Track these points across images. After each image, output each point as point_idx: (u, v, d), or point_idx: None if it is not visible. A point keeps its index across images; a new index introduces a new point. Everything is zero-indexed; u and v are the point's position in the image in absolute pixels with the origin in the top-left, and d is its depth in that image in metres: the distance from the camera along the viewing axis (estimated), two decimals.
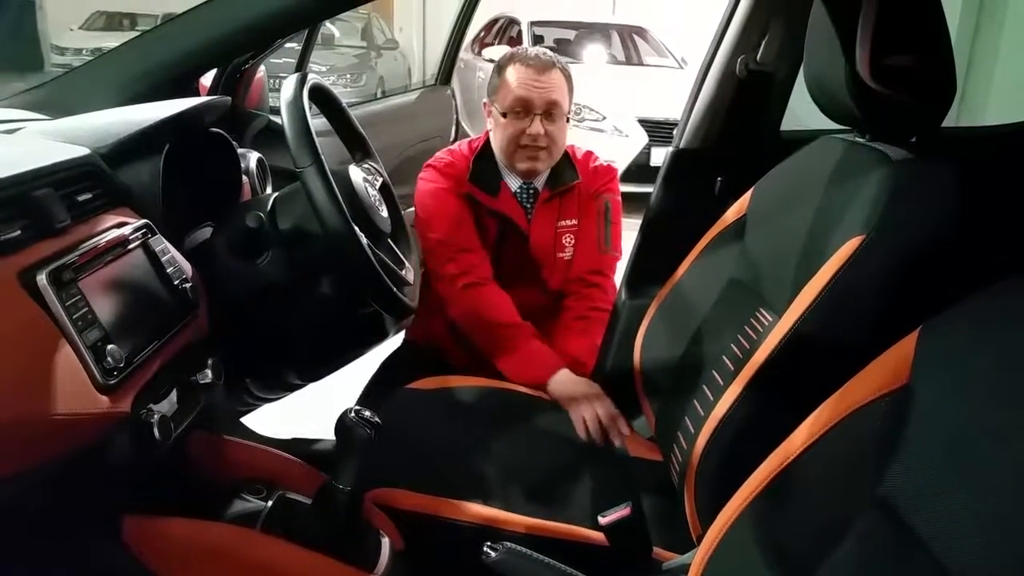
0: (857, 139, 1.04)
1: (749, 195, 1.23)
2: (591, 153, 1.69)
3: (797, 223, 1.04)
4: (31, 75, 8.96)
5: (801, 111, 1.16)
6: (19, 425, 0.67)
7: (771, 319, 1.00)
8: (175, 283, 0.93)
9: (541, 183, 1.62)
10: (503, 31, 7.34)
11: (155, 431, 0.81)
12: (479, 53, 6.93)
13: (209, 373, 0.95)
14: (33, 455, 0.69)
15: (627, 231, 1.69)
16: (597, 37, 7.20)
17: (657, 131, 5.26)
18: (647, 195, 1.70)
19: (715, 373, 1.07)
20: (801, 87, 1.12)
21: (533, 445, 1.27)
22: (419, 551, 1.04)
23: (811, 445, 0.70)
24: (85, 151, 0.91)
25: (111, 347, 0.76)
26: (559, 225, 1.63)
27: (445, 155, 1.64)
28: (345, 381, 1.59)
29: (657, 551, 1.04)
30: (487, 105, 1.60)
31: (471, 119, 5.73)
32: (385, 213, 1.28)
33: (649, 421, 1.29)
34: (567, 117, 1.57)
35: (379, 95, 7.64)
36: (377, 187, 1.31)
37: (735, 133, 1.61)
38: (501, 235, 1.60)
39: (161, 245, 0.93)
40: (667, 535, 1.06)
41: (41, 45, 10.51)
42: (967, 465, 0.55)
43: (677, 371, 1.20)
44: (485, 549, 0.86)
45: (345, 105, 1.34)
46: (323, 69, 7.58)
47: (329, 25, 7.48)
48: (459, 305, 1.53)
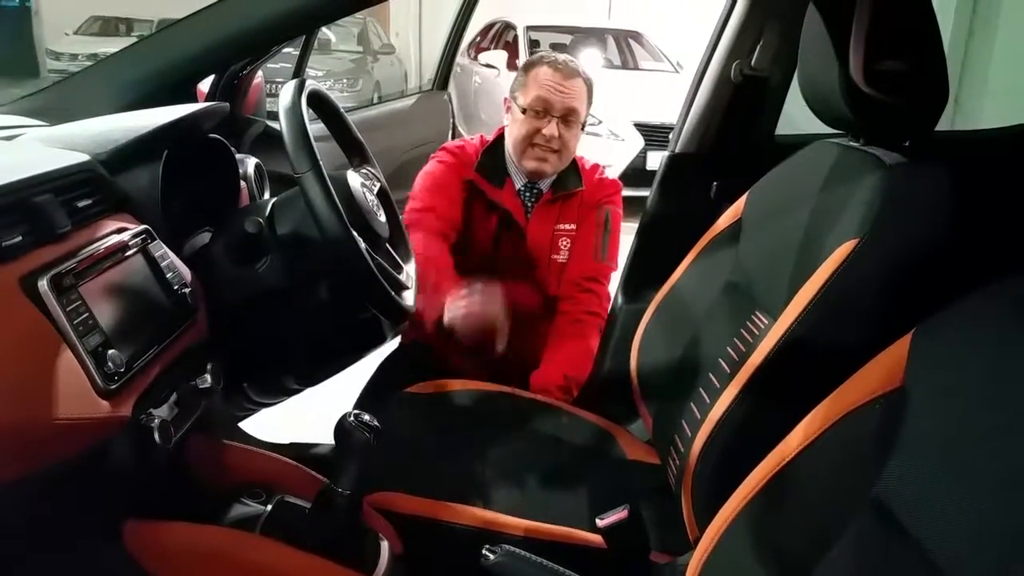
0: (851, 143, 1.05)
1: (744, 199, 1.24)
2: (598, 165, 1.73)
3: (792, 227, 1.05)
4: (27, 81, 8.96)
5: (799, 116, 1.17)
6: (21, 430, 0.67)
7: (766, 322, 1.01)
8: (174, 288, 0.93)
9: (545, 185, 1.65)
10: (499, 36, 7.36)
11: (155, 435, 0.81)
12: (475, 58, 6.95)
13: (208, 378, 0.96)
14: (35, 460, 0.70)
15: (624, 235, 1.70)
16: (593, 42, 7.22)
17: (653, 135, 5.28)
18: (643, 199, 1.71)
19: (711, 376, 1.08)
20: (797, 92, 1.13)
21: (531, 448, 1.27)
22: (418, 554, 1.05)
23: (806, 447, 0.71)
24: (85, 157, 0.92)
25: (112, 352, 0.77)
26: (557, 228, 1.65)
27: (459, 141, 1.70)
28: (343, 384, 1.59)
29: (654, 553, 1.05)
30: (507, 101, 1.64)
31: (467, 124, 5.75)
32: (383, 218, 1.29)
33: (646, 424, 1.29)
34: (582, 126, 1.60)
35: (375, 100, 7.65)
36: (375, 192, 1.32)
37: (730, 138, 1.63)
38: (500, 228, 1.63)
39: (160, 251, 0.94)
40: (664, 537, 1.07)
41: (37, 50, 10.51)
42: (960, 466, 0.56)
43: (674, 374, 1.20)
44: (484, 552, 0.86)
45: (343, 111, 1.35)
46: (319, 74, 7.59)
47: (325, 30, 7.48)
48: None
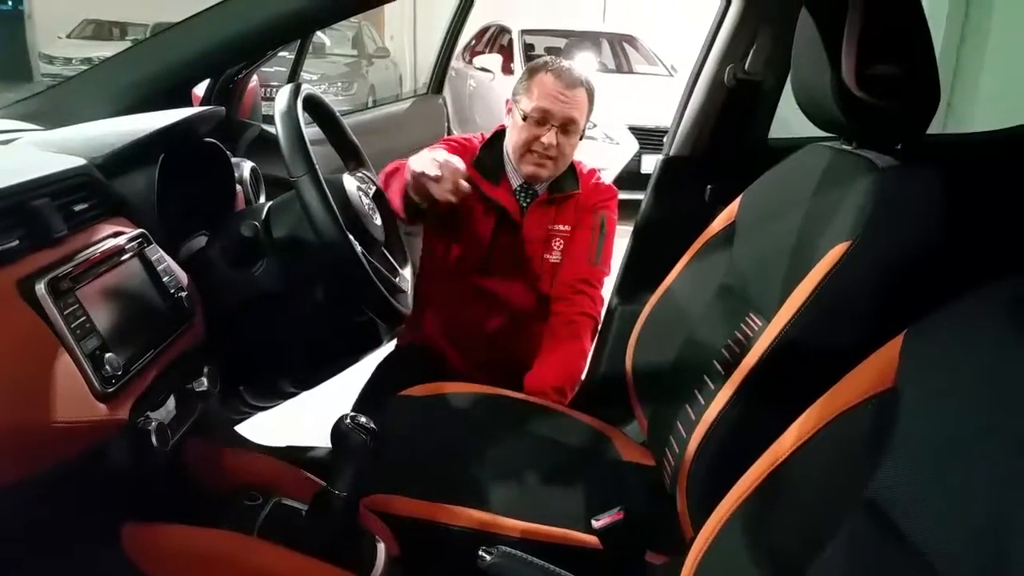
0: (844, 146, 1.06)
1: (738, 202, 1.24)
2: (595, 170, 1.74)
3: (785, 229, 1.06)
4: (20, 84, 8.94)
5: (794, 119, 1.18)
6: (19, 433, 0.68)
7: (760, 324, 1.02)
8: (171, 292, 0.93)
9: (542, 187, 1.66)
10: (494, 39, 7.38)
11: (152, 438, 0.81)
12: (470, 61, 6.96)
13: (205, 381, 0.96)
14: (33, 463, 0.70)
15: (619, 237, 1.71)
16: (587, 45, 7.23)
17: (648, 138, 5.29)
18: (638, 202, 1.72)
19: (706, 377, 1.08)
20: (791, 95, 1.14)
21: (527, 450, 1.28)
22: (415, 556, 1.05)
23: (800, 447, 0.72)
24: (81, 161, 0.92)
25: (109, 355, 0.77)
26: (551, 228, 1.66)
27: (464, 136, 1.72)
28: (339, 387, 1.59)
29: (650, 554, 1.05)
30: (509, 103, 1.65)
31: (462, 127, 5.75)
32: (379, 221, 1.29)
33: (641, 425, 1.30)
34: (581, 134, 1.62)
35: (370, 104, 7.65)
36: (371, 195, 1.32)
37: (724, 141, 1.64)
38: (495, 224, 1.64)
39: (157, 254, 0.94)
40: (660, 538, 1.07)
41: (30, 54, 10.49)
42: (952, 466, 0.56)
43: (669, 376, 1.21)
44: (480, 553, 0.86)
45: (338, 115, 1.36)
46: (314, 78, 7.59)
47: (320, 34, 7.48)
48: None
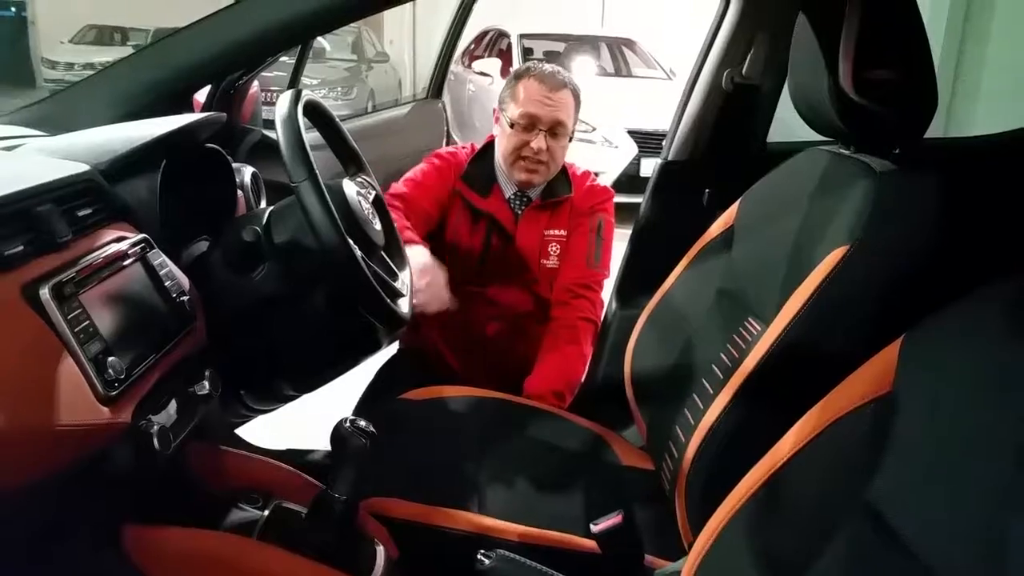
0: (842, 151, 1.07)
1: (736, 206, 1.25)
2: (589, 172, 1.74)
3: (783, 234, 1.06)
4: (23, 90, 8.95)
5: (793, 123, 1.18)
6: (23, 436, 0.68)
7: (759, 328, 1.02)
8: (173, 296, 0.94)
9: (535, 193, 1.66)
10: (493, 44, 7.39)
11: (155, 441, 0.82)
12: (469, 66, 6.98)
13: (207, 384, 0.96)
14: (37, 466, 0.70)
15: (617, 241, 1.72)
16: (586, 49, 7.25)
17: (646, 142, 5.31)
18: (636, 205, 1.73)
19: (705, 382, 1.09)
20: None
21: (526, 454, 1.28)
22: (413, 559, 1.05)
23: (798, 452, 0.72)
24: (85, 167, 0.93)
25: (112, 359, 0.78)
26: (546, 233, 1.67)
27: (452, 148, 1.73)
28: (339, 391, 1.60)
29: (649, 558, 1.05)
30: (496, 111, 1.65)
31: (462, 131, 5.76)
32: (379, 226, 1.30)
33: (640, 430, 1.30)
34: (570, 136, 1.62)
35: (370, 108, 7.65)
36: (370, 200, 1.33)
37: (722, 145, 1.64)
38: (488, 235, 1.65)
39: (159, 259, 0.95)
40: (659, 542, 1.08)
41: (33, 60, 10.51)
42: (951, 472, 0.56)
43: (667, 380, 1.21)
44: (478, 557, 0.87)
45: (338, 120, 1.36)
46: (314, 82, 7.60)
47: (320, 39, 7.49)
48: None
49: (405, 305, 1.25)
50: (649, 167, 5.10)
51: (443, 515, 1.09)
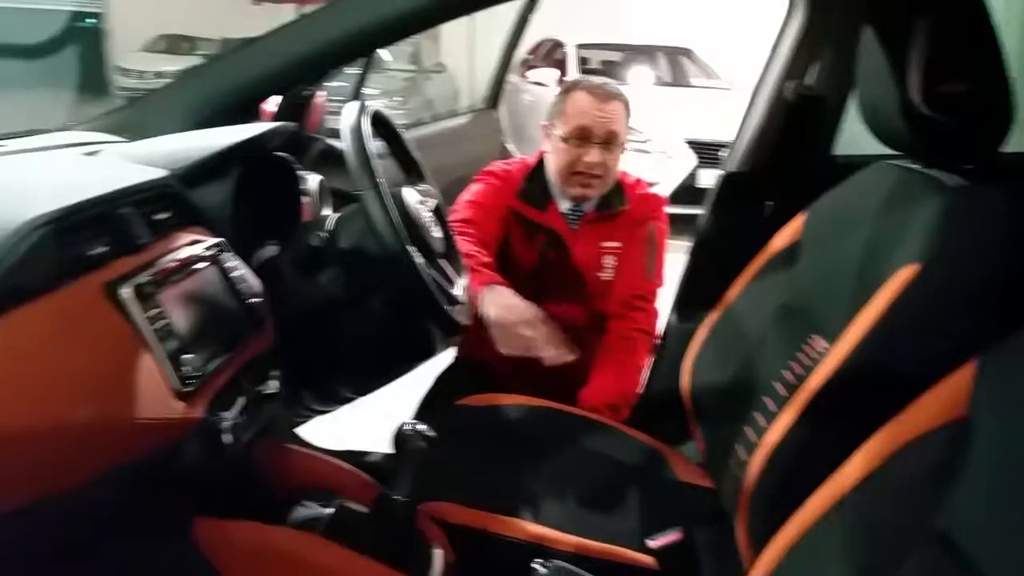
0: (912, 165, 1.04)
1: (801, 220, 1.23)
2: (641, 180, 1.73)
3: (851, 249, 1.04)
4: (96, 97, 9.33)
5: (862, 135, 1.16)
6: (103, 428, 0.71)
7: (824, 346, 1.00)
8: (244, 298, 0.97)
9: (590, 206, 1.66)
10: (549, 54, 7.42)
11: (225, 437, 0.85)
12: (525, 75, 7.01)
13: (274, 384, 0.99)
14: (115, 457, 0.73)
15: (674, 253, 1.70)
16: (643, 59, 7.22)
17: (705, 152, 5.24)
18: (694, 217, 1.71)
19: (766, 399, 1.07)
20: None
21: (582, 465, 1.28)
22: (469, 564, 1.06)
23: (867, 475, 0.70)
24: (163, 173, 0.96)
25: (187, 356, 0.80)
26: (602, 246, 1.66)
27: (505, 165, 1.72)
28: (397, 396, 1.62)
29: None
30: (547, 127, 1.64)
31: (518, 141, 5.78)
32: (438, 233, 1.32)
33: (699, 446, 1.29)
34: (622, 146, 1.61)
35: (427, 118, 7.75)
36: (431, 208, 1.35)
37: (785, 157, 1.62)
38: (544, 249, 1.65)
39: (232, 262, 0.98)
40: (717, 562, 1.06)
41: (107, 68, 10.94)
42: None
43: (728, 396, 1.20)
44: (533, 566, 0.87)
45: (401, 130, 1.39)
46: (375, 92, 7.73)
47: (381, 50, 7.63)
48: None
49: (462, 312, 1.26)
50: (707, 178, 5.06)
51: (499, 522, 1.10)
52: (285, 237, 1.20)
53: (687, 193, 4.90)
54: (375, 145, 1.16)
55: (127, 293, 0.78)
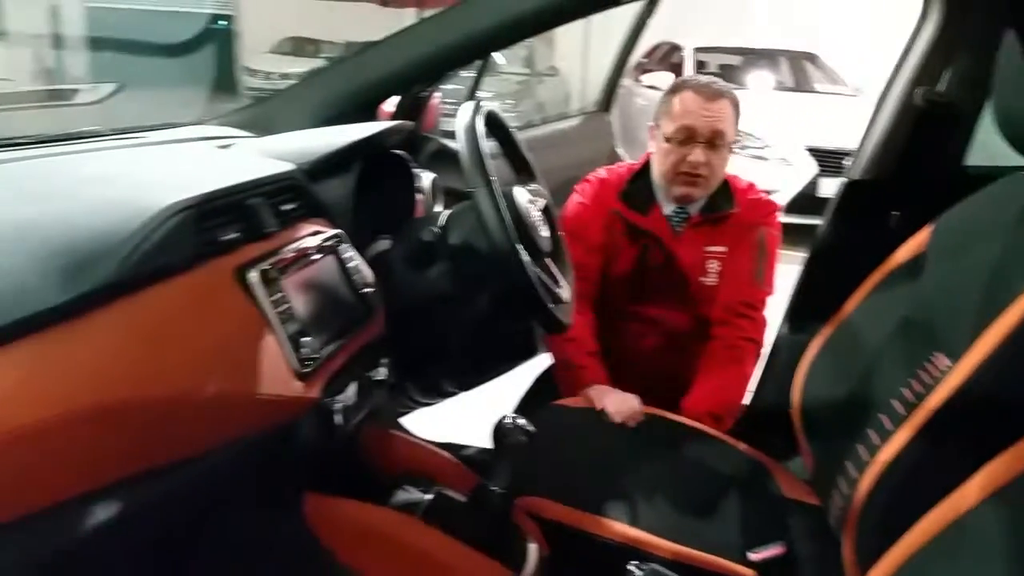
0: None
1: (928, 231, 1.17)
2: (753, 185, 1.67)
3: (980, 264, 0.98)
4: (226, 96, 9.91)
5: (1000, 146, 1.09)
6: (227, 402, 0.76)
7: (947, 364, 0.95)
8: (359, 288, 1.02)
9: (695, 208, 1.62)
10: (665, 58, 7.31)
11: (337, 419, 0.89)
12: (639, 79, 6.94)
13: (383, 371, 1.03)
14: (236, 430, 0.78)
15: (788, 264, 1.65)
16: (764, 63, 7.01)
17: (827, 161, 5.04)
18: (812, 227, 1.65)
19: (882, 416, 1.02)
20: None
21: (682, 472, 1.26)
22: (563, 561, 1.07)
23: (989, 497, 0.67)
24: (290, 166, 1.02)
25: (306, 339, 0.85)
26: (706, 250, 1.62)
27: (602, 172, 1.70)
28: (498, 393, 1.64)
29: None
30: (652, 128, 1.62)
31: (628, 145, 5.73)
32: (546, 233, 1.33)
33: (806, 462, 1.25)
34: (730, 145, 1.56)
35: (538, 120, 7.82)
36: (539, 208, 1.36)
37: (913, 166, 1.54)
38: (644, 252, 1.62)
39: (349, 253, 1.03)
40: None
41: (236, 69, 11.60)
42: None
43: (840, 412, 1.15)
44: (629, 567, 0.87)
45: (514, 131, 1.41)
46: (488, 95, 7.87)
47: (495, 54, 7.76)
48: None
49: (566, 311, 1.27)
50: (828, 187, 4.86)
51: (595, 521, 1.10)
52: (398, 232, 1.24)
53: (807, 202, 4.72)
54: (488, 144, 1.18)
55: (254, 277, 0.83)
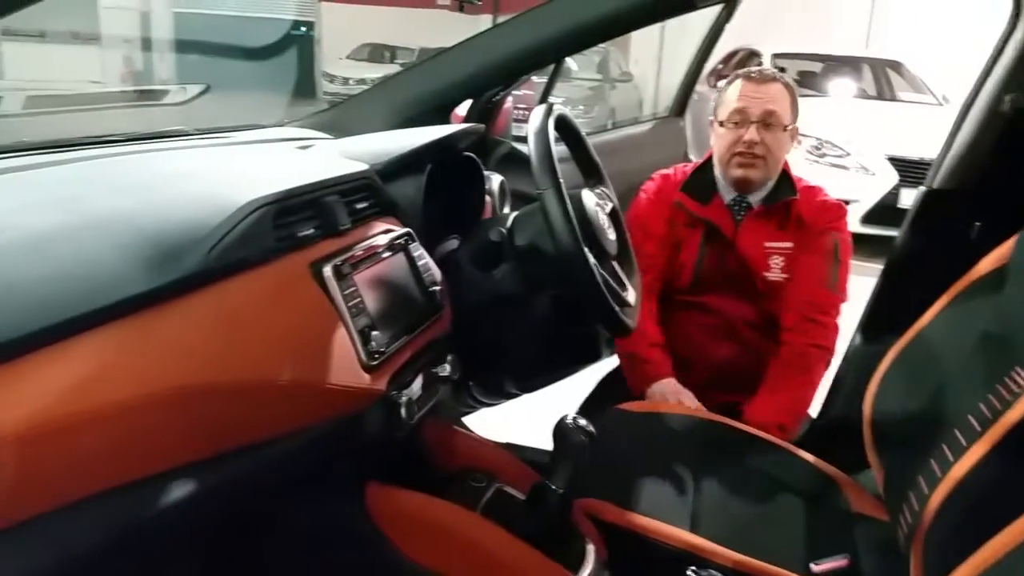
0: None
1: (1013, 242, 1.12)
2: (821, 188, 1.65)
3: None
4: (307, 99, 10.21)
5: None
6: (299, 389, 0.79)
7: None
8: (426, 285, 1.04)
9: (756, 199, 1.61)
10: (742, 64, 7.19)
11: (402, 411, 0.91)
12: (714, 85, 6.84)
13: (448, 367, 1.06)
14: (306, 417, 0.81)
15: (865, 276, 1.60)
16: (846, 71, 6.81)
17: (909, 171, 4.87)
18: (890, 239, 1.61)
19: (957, 432, 0.99)
20: None
21: (744, 481, 1.24)
22: (621, 564, 1.07)
23: None
24: (364, 167, 1.06)
25: (375, 333, 0.88)
26: (767, 245, 1.60)
27: (667, 170, 1.73)
28: (560, 397, 1.65)
29: None
30: (711, 123, 1.64)
31: (701, 151, 5.65)
32: (612, 236, 1.33)
33: (876, 476, 1.21)
34: (786, 128, 1.56)
35: (608, 126, 7.80)
36: (607, 211, 1.37)
37: (999, 175, 1.48)
38: (705, 242, 1.62)
39: (418, 251, 1.06)
40: None
41: (316, 74, 11.95)
42: None
43: (914, 425, 1.12)
44: (689, 573, 0.86)
45: (584, 134, 1.42)
46: (560, 100, 7.87)
47: (567, 59, 7.77)
48: None
49: (631, 315, 1.27)
50: (910, 198, 4.69)
51: (655, 527, 1.09)
52: (466, 232, 1.27)
53: (887, 213, 4.59)
54: (558, 148, 1.19)
55: (328, 271, 0.86)
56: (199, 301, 0.71)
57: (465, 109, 1.71)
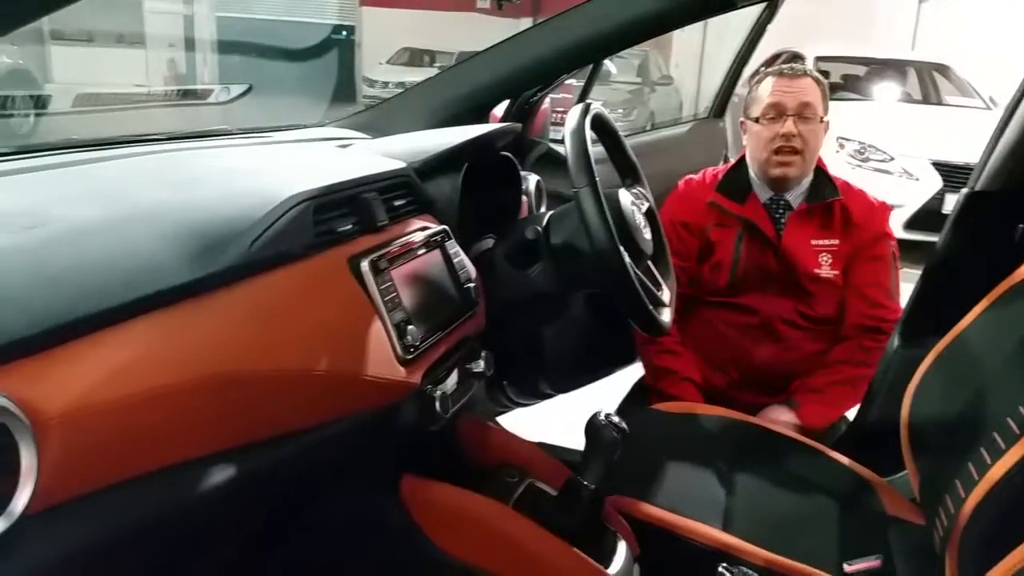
0: None
1: None
2: (864, 191, 1.64)
3: None
4: (347, 101, 10.34)
5: None
6: (336, 380, 0.81)
7: None
8: (462, 282, 1.06)
9: (794, 197, 1.60)
10: None
11: (437, 405, 0.93)
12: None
13: (482, 363, 1.07)
14: (342, 407, 0.83)
15: (905, 282, 1.59)
16: (890, 74, 6.68)
17: (954, 176, 4.76)
18: (932, 244, 1.58)
19: (996, 435, 0.97)
20: None
21: (778, 482, 1.23)
22: (653, 561, 1.07)
23: None
24: (402, 165, 1.08)
25: (411, 327, 0.89)
26: (814, 243, 1.59)
27: (701, 172, 1.73)
28: (594, 398, 1.65)
29: None
30: (743, 124, 1.63)
31: (739, 152, 5.61)
32: (648, 235, 1.33)
33: (912, 479, 1.19)
34: (821, 120, 1.56)
35: (647, 129, 7.75)
36: (643, 211, 1.36)
37: None
38: (740, 240, 1.61)
39: (454, 249, 1.07)
40: None
41: (356, 78, 12.11)
42: None
43: (951, 429, 1.10)
44: (720, 570, 0.86)
45: (621, 134, 1.42)
46: (598, 103, 7.85)
47: (606, 62, 7.75)
48: None
49: (666, 314, 1.27)
50: (953, 204, 4.59)
51: (688, 525, 1.09)
52: (502, 231, 1.28)
53: (931, 218, 4.50)
54: (596, 150, 1.20)
55: (366, 267, 0.88)
56: (240, 292, 0.73)
57: (502, 110, 1.73)
